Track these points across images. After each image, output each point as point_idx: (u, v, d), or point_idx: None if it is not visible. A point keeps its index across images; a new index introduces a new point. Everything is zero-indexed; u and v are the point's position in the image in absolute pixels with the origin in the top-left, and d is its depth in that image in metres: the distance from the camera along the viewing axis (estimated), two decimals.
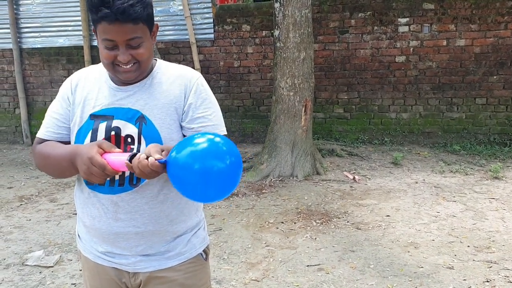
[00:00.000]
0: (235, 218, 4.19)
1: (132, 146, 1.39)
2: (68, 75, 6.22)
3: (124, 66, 1.35)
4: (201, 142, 1.27)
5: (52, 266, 3.45)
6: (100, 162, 1.25)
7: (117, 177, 1.39)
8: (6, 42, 7.04)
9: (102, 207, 1.44)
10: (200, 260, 1.57)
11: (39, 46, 7.02)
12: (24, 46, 7.05)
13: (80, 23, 6.72)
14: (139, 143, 1.39)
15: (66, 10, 6.85)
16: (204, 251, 1.59)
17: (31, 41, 7.03)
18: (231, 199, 4.69)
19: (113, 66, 1.36)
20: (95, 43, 6.79)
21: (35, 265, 3.47)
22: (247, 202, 4.60)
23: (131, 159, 1.22)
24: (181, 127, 1.44)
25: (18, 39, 7.00)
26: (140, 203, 1.43)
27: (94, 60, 6.74)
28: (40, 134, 1.49)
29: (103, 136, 1.39)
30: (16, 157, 6.62)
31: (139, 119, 1.40)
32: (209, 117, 1.44)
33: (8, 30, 6.94)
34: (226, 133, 1.47)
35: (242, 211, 4.38)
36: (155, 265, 1.50)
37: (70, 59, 6.96)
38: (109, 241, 1.48)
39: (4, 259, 3.57)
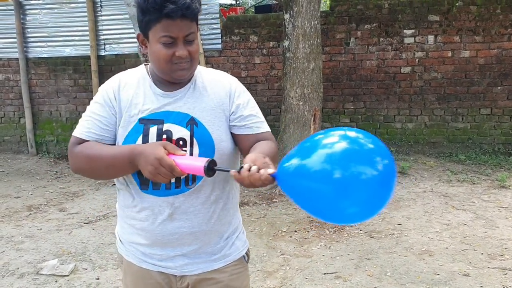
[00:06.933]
0: (247, 227, 4.19)
1: (184, 149, 1.42)
2: (75, 85, 6.24)
3: (182, 63, 1.38)
4: (336, 141, 0.97)
5: (67, 275, 3.44)
6: (169, 163, 1.27)
7: (173, 179, 1.41)
8: (12, 51, 7.05)
9: (158, 209, 1.46)
10: (243, 263, 1.61)
11: (45, 55, 7.03)
12: (31, 56, 7.06)
13: (87, 33, 6.75)
14: (191, 145, 1.42)
15: (73, 20, 6.88)
16: (246, 253, 1.63)
17: (38, 51, 7.05)
18: (241, 208, 4.69)
19: (171, 65, 1.38)
20: (102, 53, 6.82)
21: (50, 274, 3.46)
22: (258, 211, 4.61)
23: (210, 166, 1.25)
24: (230, 127, 1.50)
25: (25, 49, 7.01)
26: (195, 203, 1.46)
27: (101, 70, 6.77)
28: (80, 134, 1.45)
29: (155, 140, 1.41)
30: (21, 167, 6.61)
31: (190, 122, 1.43)
32: (257, 114, 1.53)
33: (15, 40, 6.95)
34: (270, 129, 1.56)
35: (254, 220, 4.39)
36: (202, 268, 1.52)
37: (77, 69, 6.98)
38: (160, 244, 1.49)
39: (18, 269, 3.55)
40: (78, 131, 1.46)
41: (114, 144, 1.46)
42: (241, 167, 1.24)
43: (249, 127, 1.49)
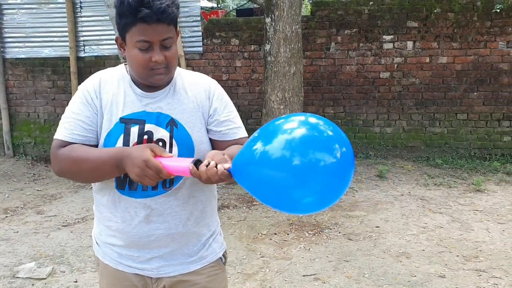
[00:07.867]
0: (227, 230, 4.20)
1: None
2: (53, 86, 6.18)
3: (158, 69, 1.37)
4: (296, 127, 0.95)
5: (44, 278, 3.39)
6: (156, 165, 1.26)
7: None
8: None
9: (134, 210, 1.46)
10: (220, 264, 1.61)
11: (23, 56, 6.90)
12: (8, 56, 6.92)
13: (66, 34, 6.66)
14: (171, 146, 1.42)
15: (52, 20, 6.77)
16: (223, 255, 1.63)
17: (15, 51, 6.92)
18: (222, 211, 4.70)
19: (148, 70, 1.37)
20: (81, 54, 6.75)
21: (27, 277, 3.41)
22: (238, 214, 4.62)
23: (195, 164, 1.23)
24: (207, 130, 1.49)
25: (2, 49, 6.88)
26: (173, 205, 1.46)
27: (81, 71, 6.69)
28: (64, 136, 1.41)
29: (136, 140, 1.41)
30: None
31: (170, 123, 1.43)
32: (233, 120, 1.52)
33: None
34: (247, 135, 1.53)
35: (234, 223, 4.40)
36: (178, 270, 1.52)
37: (56, 70, 6.88)
38: (137, 245, 1.49)
39: None
40: (62, 134, 1.42)
41: (98, 145, 1.44)
42: (200, 163, 1.24)
43: (225, 133, 1.49)
